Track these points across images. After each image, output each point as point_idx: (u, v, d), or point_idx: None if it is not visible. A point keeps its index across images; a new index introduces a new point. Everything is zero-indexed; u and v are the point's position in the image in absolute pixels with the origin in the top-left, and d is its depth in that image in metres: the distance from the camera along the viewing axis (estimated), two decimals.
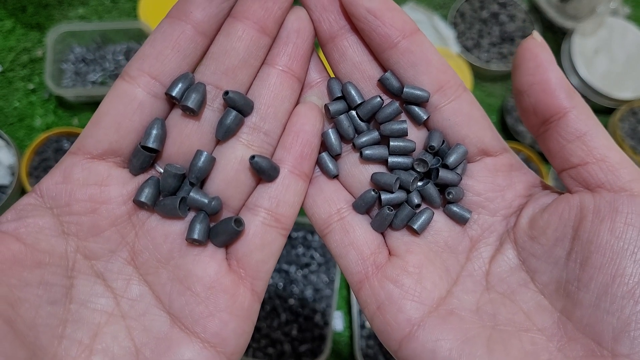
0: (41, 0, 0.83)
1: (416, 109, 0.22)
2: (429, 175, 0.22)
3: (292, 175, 0.22)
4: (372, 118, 0.23)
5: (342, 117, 0.22)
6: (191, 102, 0.22)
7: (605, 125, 0.77)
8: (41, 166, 0.71)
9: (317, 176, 0.23)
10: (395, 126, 0.21)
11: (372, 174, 0.23)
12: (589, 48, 0.78)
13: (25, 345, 0.18)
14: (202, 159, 0.22)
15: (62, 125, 0.77)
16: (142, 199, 0.22)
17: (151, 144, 0.22)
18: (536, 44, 0.20)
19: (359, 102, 0.22)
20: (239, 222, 0.22)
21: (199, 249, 0.22)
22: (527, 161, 0.73)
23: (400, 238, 0.22)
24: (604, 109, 0.79)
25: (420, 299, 0.20)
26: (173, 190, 0.23)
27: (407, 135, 0.22)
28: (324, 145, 0.23)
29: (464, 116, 0.22)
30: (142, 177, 0.23)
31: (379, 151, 0.22)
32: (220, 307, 0.22)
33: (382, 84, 0.22)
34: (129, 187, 0.22)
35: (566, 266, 0.19)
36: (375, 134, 0.22)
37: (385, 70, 0.22)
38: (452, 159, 0.21)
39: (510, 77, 0.21)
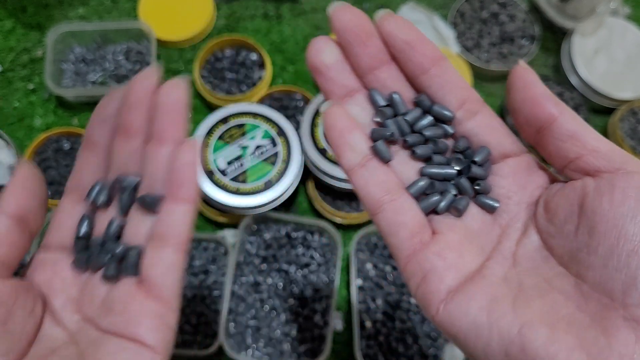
0: (41, 0, 0.83)
1: (444, 125, 0.27)
2: (459, 172, 0.27)
3: (173, 202, 0.28)
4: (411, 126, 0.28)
5: (391, 121, 0.27)
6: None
7: (605, 125, 0.77)
8: (41, 166, 0.71)
9: (370, 159, 0.26)
10: (437, 131, 0.27)
11: (423, 167, 0.27)
12: (589, 48, 0.78)
13: None
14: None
15: (62, 125, 0.77)
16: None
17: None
18: (522, 68, 0.25)
19: (404, 110, 0.27)
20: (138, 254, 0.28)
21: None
22: None
23: (442, 220, 0.26)
24: (603, 109, 0.80)
25: (458, 269, 0.24)
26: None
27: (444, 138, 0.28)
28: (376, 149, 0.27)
29: (485, 126, 0.27)
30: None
31: (426, 150, 0.27)
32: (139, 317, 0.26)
33: (418, 104, 0.27)
34: None
35: (576, 238, 0.22)
36: (421, 137, 0.27)
37: (418, 91, 0.27)
38: (479, 157, 0.26)
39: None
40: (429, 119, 0.27)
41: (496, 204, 0.26)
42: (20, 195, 0.26)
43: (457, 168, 0.26)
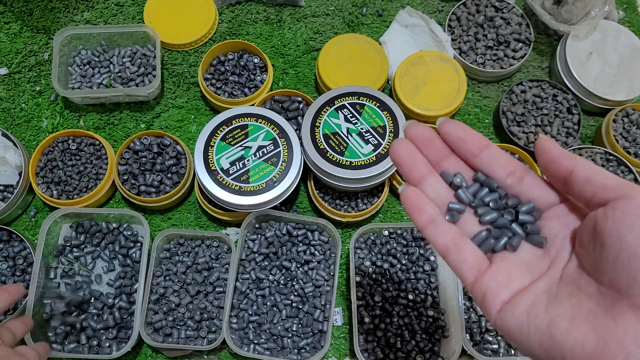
0: (47, 4, 0.85)
1: (498, 190, 0.35)
2: (511, 221, 0.35)
3: None
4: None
5: (461, 191, 0.35)
6: None
7: (599, 127, 0.79)
8: (47, 166, 0.73)
9: (438, 216, 0.35)
10: (493, 195, 0.35)
11: (481, 217, 0.35)
12: (583, 51, 0.80)
13: None
14: None
15: (68, 126, 0.79)
16: None
17: None
18: (542, 139, 0.33)
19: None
20: None
21: None
22: (521, 161, 0.74)
23: (498, 255, 0.34)
24: (597, 111, 0.81)
25: (509, 287, 0.32)
26: None
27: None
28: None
29: (531, 186, 0.34)
30: None
31: (487, 210, 0.35)
32: None
33: (476, 179, 0.35)
34: None
35: (594, 252, 0.29)
36: (482, 202, 0.35)
37: (475, 170, 0.35)
38: (525, 207, 0.34)
39: (504, 80, 0.32)
40: (485, 189, 0.35)
41: (543, 240, 0.33)
42: None
43: (508, 217, 0.34)
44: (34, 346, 0.57)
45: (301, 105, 0.76)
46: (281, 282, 0.68)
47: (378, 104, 0.69)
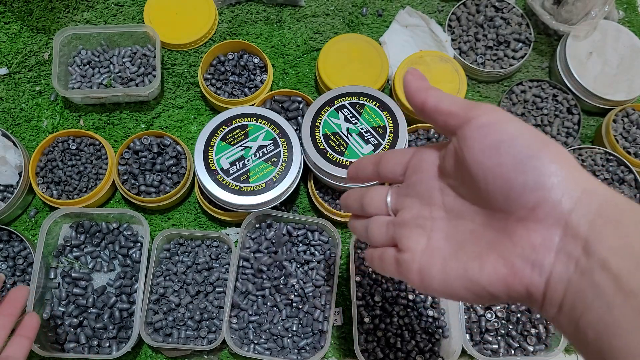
0: (48, 4, 0.85)
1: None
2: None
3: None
4: None
5: None
6: None
7: (599, 127, 0.79)
8: (47, 166, 0.73)
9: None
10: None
11: None
12: (583, 51, 0.80)
13: None
14: None
15: (68, 126, 0.79)
16: None
17: None
18: (406, 74, 0.35)
19: None
20: None
21: None
22: None
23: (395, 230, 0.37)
24: (597, 111, 0.81)
25: (415, 256, 0.34)
26: None
27: None
28: None
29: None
30: None
31: None
32: None
33: None
34: None
35: (464, 182, 0.31)
36: None
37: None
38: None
39: (504, 80, 0.33)
40: None
41: None
42: None
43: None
44: (22, 331, 0.56)
45: (301, 105, 0.76)
46: (281, 282, 0.68)
47: (378, 104, 0.69)
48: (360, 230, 0.41)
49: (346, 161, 0.66)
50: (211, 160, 0.67)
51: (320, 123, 0.69)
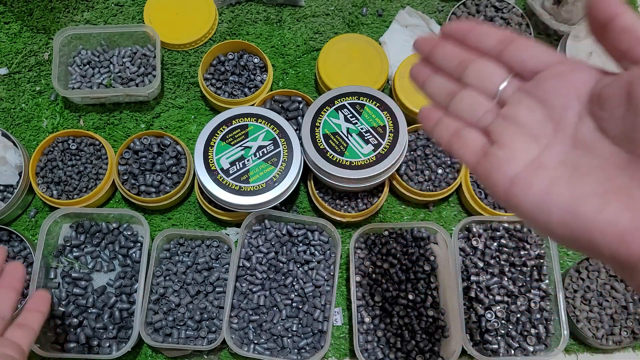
0: (48, 4, 0.85)
1: None
2: None
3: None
4: None
5: None
6: None
7: None
8: (47, 166, 0.73)
9: (444, 117, 0.35)
10: None
11: None
12: (583, 51, 0.80)
13: None
14: None
15: (68, 126, 0.79)
16: None
17: None
18: None
19: None
20: None
21: None
22: None
23: (496, 128, 0.31)
24: None
25: (515, 161, 0.29)
26: None
27: None
28: None
29: (521, 46, 0.32)
30: None
31: None
32: None
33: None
34: None
35: (624, 119, 0.26)
36: None
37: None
38: None
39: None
40: None
41: None
42: None
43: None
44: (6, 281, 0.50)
45: (301, 105, 0.76)
46: (281, 282, 0.68)
47: (378, 104, 0.69)
48: (434, 87, 0.35)
49: (346, 161, 0.66)
50: (211, 160, 0.67)
51: (320, 123, 0.69)
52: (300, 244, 0.70)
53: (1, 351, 0.42)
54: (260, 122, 0.69)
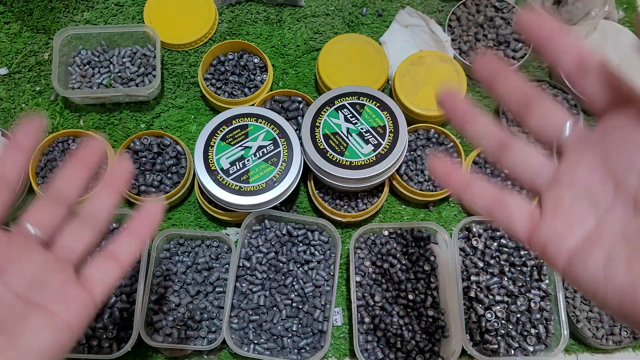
0: (48, 4, 0.85)
1: None
2: None
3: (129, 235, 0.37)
4: None
5: None
6: None
7: None
8: (47, 166, 0.73)
9: (472, 179, 0.33)
10: None
11: None
12: None
13: None
14: None
15: (68, 126, 0.79)
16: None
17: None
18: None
19: None
20: None
21: None
22: None
23: (547, 190, 0.29)
24: None
25: (572, 234, 0.27)
26: None
27: None
28: None
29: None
30: None
31: None
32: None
33: None
34: None
35: None
36: None
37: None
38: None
39: None
40: None
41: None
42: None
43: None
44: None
45: (301, 105, 0.76)
46: (281, 282, 0.68)
47: (378, 104, 0.69)
48: (484, 130, 0.31)
49: (346, 161, 0.66)
50: (211, 160, 0.67)
51: (320, 123, 0.69)
52: (300, 244, 0.70)
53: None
54: (260, 122, 0.69)
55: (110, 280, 0.35)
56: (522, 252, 0.70)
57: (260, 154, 0.67)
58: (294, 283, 0.68)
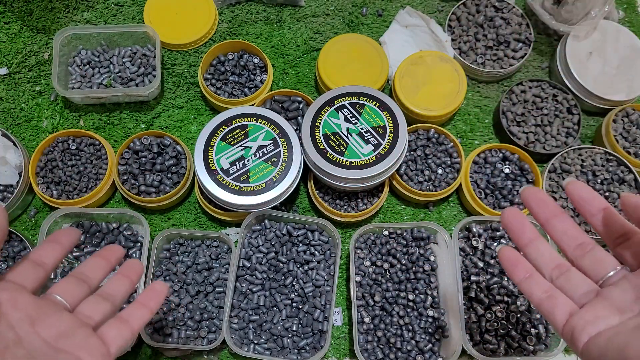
0: (48, 4, 0.85)
1: None
2: None
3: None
4: None
5: None
6: None
7: (599, 127, 0.79)
8: (47, 166, 0.73)
9: (533, 272, 0.40)
10: None
11: None
12: (583, 51, 0.80)
13: None
14: None
15: (68, 126, 0.79)
16: None
17: None
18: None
19: None
20: None
21: None
22: (521, 162, 0.74)
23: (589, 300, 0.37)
24: (597, 111, 0.81)
25: (596, 325, 0.34)
26: None
27: None
28: None
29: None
30: None
31: None
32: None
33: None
34: None
35: None
36: None
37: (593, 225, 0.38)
38: None
39: (504, 80, 0.33)
40: None
41: None
42: None
43: None
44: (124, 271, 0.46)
45: (301, 105, 0.76)
46: (281, 282, 0.68)
47: (378, 104, 0.69)
48: (544, 256, 0.40)
49: (346, 161, 0.66)
50: (211, 160, 0.67)
51: (320, 123, 0.69)
52: (300, 244, 0.70)
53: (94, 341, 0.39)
54: (260, 122, 0.69)
55: (122, 340, 0.39)
56: (522, 252, 0.69)
57: (260, 154, 0.67)
58: (294, 283, 0.68)
